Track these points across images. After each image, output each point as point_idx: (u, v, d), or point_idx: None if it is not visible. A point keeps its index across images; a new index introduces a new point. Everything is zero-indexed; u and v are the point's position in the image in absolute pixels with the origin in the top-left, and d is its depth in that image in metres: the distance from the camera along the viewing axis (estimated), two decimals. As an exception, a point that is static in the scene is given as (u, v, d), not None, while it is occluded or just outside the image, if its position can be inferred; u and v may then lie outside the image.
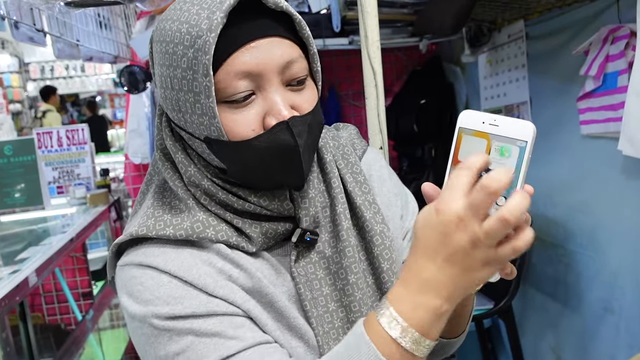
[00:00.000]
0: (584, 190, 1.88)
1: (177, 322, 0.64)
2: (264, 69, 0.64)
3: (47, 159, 2.92)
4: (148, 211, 0.72)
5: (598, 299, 1.86)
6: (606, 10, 1.71)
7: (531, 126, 0.57)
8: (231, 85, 0.64)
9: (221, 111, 0.65)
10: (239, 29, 0.63)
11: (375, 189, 0.84)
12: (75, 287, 2.85)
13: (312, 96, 0.70)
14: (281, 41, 0.65)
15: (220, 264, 0.69)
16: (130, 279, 0.67)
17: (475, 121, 0.60)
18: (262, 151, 0.65)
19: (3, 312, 1.54)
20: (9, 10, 1.35)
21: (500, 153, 0.58)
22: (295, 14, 0.67)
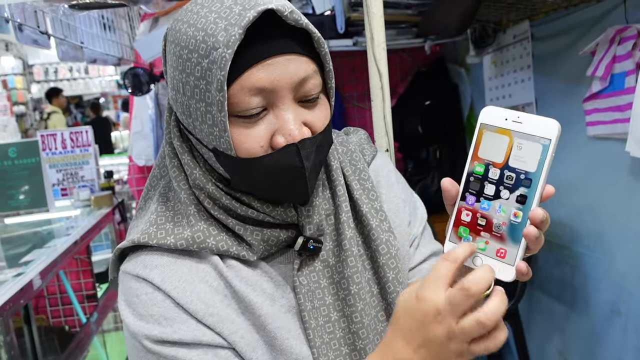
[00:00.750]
0: (591, 192, 1.87)
1: (164, 347, 0.66)
2: (278, 86, 0.63)
3: (52, 161, 2.92)
4: (151, 217, 0.72)
5: (605, 301, 1.84)
6: (613, 11, 1.70)
7: (556, 124, 0.56)
8: (244, 101, 0.63)
9: (232, 124, 0.64)
10: (255, 45, 0.62)
11: (382, 195, 0.83)
12: (79, 289, 2.85)
13: (324, 113, 0.69)
14: (297, 58, 0.64)
15: (216, 283, 0.70)
16: (128, 289, 0.70)
17: (497, 117, 0.59)
18: (268, 170, 0.66)
19: (7, 315, 1.54)
20: (13, 13, 1.35)
21: (522, 149, 0.57)
22: (315, 32, 0.66)
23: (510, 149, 0.58)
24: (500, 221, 0.58)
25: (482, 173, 0.59)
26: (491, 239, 0.59)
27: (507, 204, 0.58)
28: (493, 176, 0.59)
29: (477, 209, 0.60)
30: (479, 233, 0.59)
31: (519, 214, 0.57)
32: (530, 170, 0.57)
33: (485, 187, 0.59)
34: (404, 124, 2.61)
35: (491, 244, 0.59)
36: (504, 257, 0.58)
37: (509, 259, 0.58)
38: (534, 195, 0.56)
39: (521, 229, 0.57)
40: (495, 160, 0.59)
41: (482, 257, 0.59)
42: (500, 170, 0.58)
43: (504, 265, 0.58)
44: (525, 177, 0.57)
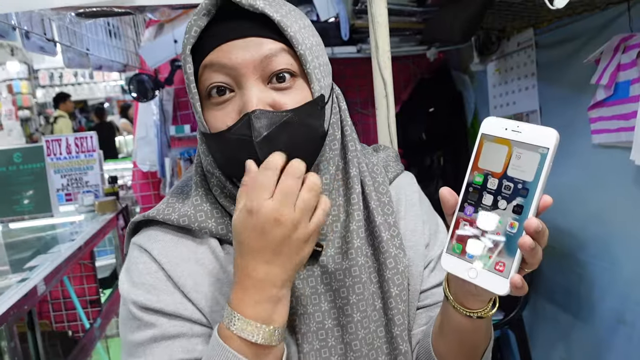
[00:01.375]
0: (596, 200, 1.86)
1: (146, 313, 0.70)
2: (239, 64, 0.66)
3: (56, 166, 2.93)
4: (166, 197, 0.79)
5: (611, 310, 1.83)
6: (617, 19, 1.70)
7: (554, 133, 0.56)
8: (209, 78, 0.68)
9: (206, 108, 0.70)
10: (216, 30, 0.68)
11: (401, 212, 0.82)
12: (82, 294, 2.85)
13: (299, 96, 0.68)
14: (260, 40, 0.67)
15: (211, 266, 0.73)
16: (130, 257, 0.75)
17: (497, 127, 0.59)
18: (228, 145, 0.68)
19: (12, 321, 1.54)
20: (20, 21, 1.36)
21: (520, 158, 0.57)
22: (273, 15, 0.67)
23: (509, 159, 0.57)
24: (496, 232, 0.57)
25: (481, 183, 0.59)
26: (487, 251, 0.58)
27: (504, 214, 0.57)
28: (491, 186, 0.58)
29: (474, 220, 0.59)
30: None
31: (514, 225, 0.56)
32: (528, 180, 0.56)
33: (484, 198, 0.59)
34: (408, 131, 2.61)
35: (487, 256, 0.58)
36: (501, 271, 0.57)
37: (505, 271, 0.57)
38: (530, 205, 0.56)
39: (517, 240, 0.56)
40: (494, 170, 0.59)
41: (476, 269, 0.58)
42: (499, 180, 0.58)
43: (498, 277, 0.57)
44: (522, 186, 0.56)
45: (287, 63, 0.68)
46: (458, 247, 0.60)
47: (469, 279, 0.59)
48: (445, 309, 0.70)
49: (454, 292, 0.67)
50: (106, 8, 1.10)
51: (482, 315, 0.66)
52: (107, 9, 1.11)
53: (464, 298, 0.66)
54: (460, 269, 0.60)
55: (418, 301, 0.80)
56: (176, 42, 2.27)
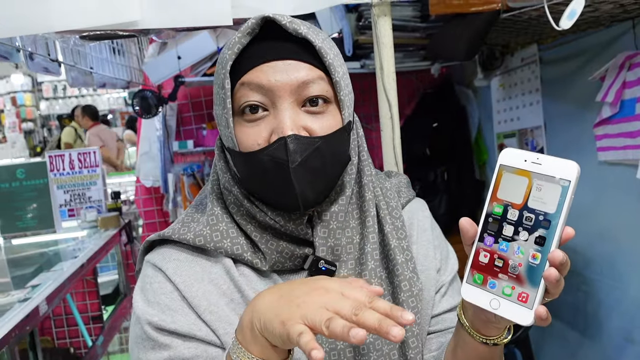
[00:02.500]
0: (603, 217, 1.85)
1: (161, 334, 0.70)
2: (276, 86, 0.67)
3: (59, 182, 2.93)
4: (181, 217, 0.80)
5: (619, 329, 1.81)
6: (622, 36, 1.69)
7: (575, 166, 0.56)
8: (244, 97, 0.68)
9: (237, 124, 0.70)
10: (258, 49, 0.69)
11: (413, 237, 0.83)
12: (85, 310, 2.83)
13: (330, 123, 0.70)
14: (298, 64, 0.68)
15: (225, 286, 0.72)
16: (145, 276, 0.75)
17: (517, 159, 0.59)
18: (261, 165, 0.68)
19: (13, 343, 1.52)
20: (24, 43, 1.37)
21: (541, 190, 0.57)
22: (315, 41, 0.69)
23: (530, 190, 0.57)
24: (518, 263, 0.57)
25: (501, 214, 0.59)
26: (509, 282, 0.58)
27: (525, 245, 0.57)
28: (512, 217, 0.58)
29: (495, 250, 0.59)
30: (497, 275, 0.58)
31: (537, 256, 0.56)
32: (550, 212, 0.56)
33: (504, 228, 0.59)
34: (412, 146, 2.60)
35: (509, 287, 0.58)
36: (524, 301, 0.57)
37: (528, 302, 0.56)
38: (553, 236, 0.56)
39: (540, 271, 0.56)
40: (514, 201, 0.59)
41: (499, 300, 0.58)
42: (519, 211, 0.58)
43: (522, 308, 0.57)
44: (544, 218, 0.56)
45: (323, 90, 0.70)
46: (479, 278, 0.60)
47: (491, 310, 0.59)
48: (459, 335, 0.70)
49: (470, 319, 0.67)
50: (110, 31, 1.10)
51: (497, 342, 0.67)
52: (111, 32, 1.11)
53: (480, 325, 0.66)
54: (482, 300, 0.59)
55: (429, 326, 0.80)
56: (180, 59, 2.28)
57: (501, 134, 2.43)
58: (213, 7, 1.05)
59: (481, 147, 2.64)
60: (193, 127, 2.79)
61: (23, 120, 9.40)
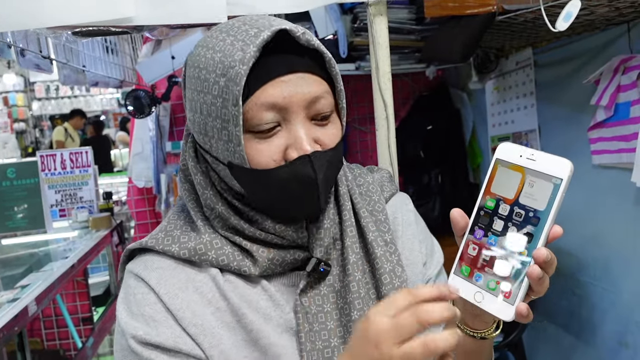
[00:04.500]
0: (597, 221, 1.85)
1: (146, 349, 0.68)
2: (291, 103, 0.66)
3: (50, 181, 2.90)
4: (163, 224, 0.77)
5: (612, 332, 1.81)
6: (617, 40, 1.70)
7: (568, 164, 0.56)
8: (257, 116, 0.65)
9: (246, 140, 0.67)
10: (270, 63, 0.66)
11: (398, 231, 0.83)
12: (75, 311, 2.80)
13: (335, 132, 0.71)
14: (310, 77, 0.67)
15: (210, 295, 0.71)
16: (127, 287, 0.73)
17: (513, 154, 0.59)
18: (282, 182, 0.67)
19: (1, 343, 1.50)
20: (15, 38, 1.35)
21: (534, 186, 0.57)
22: (326, 53, 0.69)
23: (522, 186, 0.58)
24: (505, 257, 0.57)
25: (493, 208, 0.59)
26: (494, 276, 0.58)
27: (513, 241, 0.57)
28: (503, 212, 0.59)
29: (484, 244, 0.59)
30: (484, 269, 0.59)
31: (524, 253, 0.56)
32: (540, 209, 0.56)
33: (494, 222, 0.59)
34: (406, 148, 2.60)
35: (494, 281, 0.58)
36: (507, 297, 0.57)
37: (511, 298, 0.57)
38: (540, 234, 0.56)
39: (525, 268, 0.56)
40: (507, 196, 0.59)
41: (483, 293, 0.58)
42: (510, 206, 0.58)
43: (504, 303, 0.57)
44: (534, 215, 0.56)
45: (331, 104, 0.70)
46: (466, 270, 0.60)
47: (474, 302, 0.59)
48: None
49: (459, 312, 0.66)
50: (103, 27, 1.09)
51: (485, 337, 0.67)
52: (104, 28, 1.10)
53: (469, 319, 0.67)
54: (467, 291, 0.60)
55: None
56: (174, 59, 2.26)
57: (495, 137, 2.43)
58: (208, 4, 1.04)
59: (475, 150, 2.65)
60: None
61: (15, 121, 9.34)
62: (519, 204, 0.57)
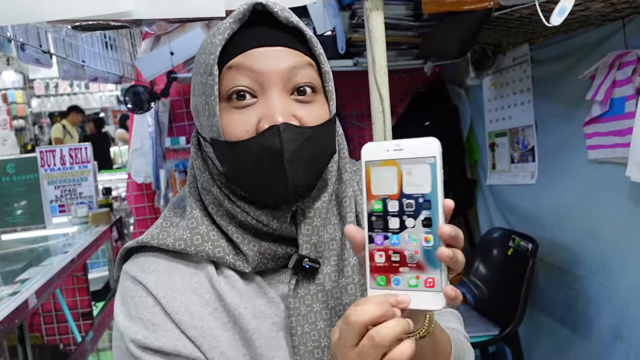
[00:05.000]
0: (593, 216, 1.86)
1: (145, 354, 0.68)
2: (267, 72, 0.66)
3: (50, 177, 2.91)
4: (159, 222, 0.77)
5: (608, 326, 1.83)
6: (613, 36, 1.71)
7: (435, 141, 0.57)
8: (232, 80, 0.66)
9: (222, 111, 0.67)
10: (248, 36, 0.67)
11: None
12: (75, 307, 2.81)
13: (319, 113, 0.70)
14: (289, 51, 0.67)
15: (207, 295, 0.70)
16: (125, 289, 0.72)
17: (379, 151, 0.59)
18: (251, 153, 0.66)
19: (1, 336, 1.51)
20: (15, 33, 1.36)
21: (412, 174, 0.57)
22: (306, 30, 0.69)
23: (401, 178, 0.57)
24: (414, 251, 0.57)
25: (382, 209, 0.58)
26: (412, 272, 0.57)
27: (415, 232, 0.57)
28: (393, 209, 0.58)
29: (388, 247, 0.58)
30: (398, 270, 0.58)
31: (429, 238, 0.56)
32: (426, 192, 0.56)
33: (390, 222, 0.58)
34: (404, 144, 2.61)
35: (414, 277, 0.57)
36: (432, 286, 0.57)
37: (436, 286, 0.56)
38: (437, 214, 0.56)
39: (435, 252, 0.56)
40: (390, 192, 0.58)
41: (408, 294, 0.57)
42: (398, 200, 0.58)
43: (431, 294, 0.56)
44: (423, 200, 0.56)
45: (311, 77, 0.69)
46: (382, 280, 0.59)
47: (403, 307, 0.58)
48: None
49: None
50: (102, 21, 1.10)
51: (424, 335, 0.65)
52: (104, 22, 1.11)
53: None
54: None
55: None
56: (173, 54, 2.27)
57: (493, 133, 2.44)
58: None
59: (473, 146, 2.66)
60: (185, 124, 2.78)
61: (14, 118, 9.34)
62: (406, 195, 0.57)
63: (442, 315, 0.81)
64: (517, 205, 2.30)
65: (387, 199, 0.58)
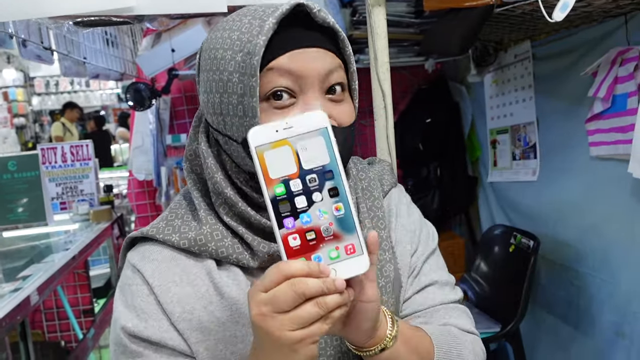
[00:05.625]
0: (595, 212, 1.86)
1: (133, 342, 0.70)
2: (307, 73, 0.67)
3: (51, 174, 2.91)
4: (165, 214, 0.77)
5: (610, 323, 1.83)
6: (615, 32, 1.70)
7: (320, 112, 0.58)
8: (273, 81, 0.66)
9: (263, 112, 0.67)
10: (287, 37, 0.67)
11: (392, 224, 0.83)
12: (76, 304, 2.82)
13: (349, 110, 0.72)
14: (326, 53, 0.69)
15: (204, 289, 0.71)
16: (125, 276, 0.75)
17: (268, 134, 0.58)
18: None
19: (3, 332, 1.52)
20: (17, 29, 1.36)
21: (307, 149, 0.57)
22: (340, 31, 0.70)
23: (297, 155, 0.57)
24: (328, 223, 0.57)
25: (285, 192, 0.57)
26: (330, 245, 0.57)
27: (324, 204, 0.57)
28: (296, 188, 0.57)
29: (301, 227, 0.57)
30: (317, 247, 0.57)
31: (339, 207, 0.57)
32: (326, 162, 0.57)
33: (296, 202, 0.57)
34: (405, 141, 2.61)
35: (333, 249, 0.57)
36: (353, 252, 0.57)
37: (357, 250, 0.57)
38: (341, 182, 0.57)
39: (348, 218, 0.57)
40: (290, 172, 0.57)
41: (332, 267, 0.57)
42: (300, 178, 0.57)
43: (355, 259, 0.57)
44: (324, 170, 0.57)
45: (342, 78, 0.71)
46: None
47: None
48: None
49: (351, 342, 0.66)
50: (104, 17, 1.10)
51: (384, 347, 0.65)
52: (106, 18, 1.11)
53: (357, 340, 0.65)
54: None
55: (401, 311, 0.80)
56: (174, 51, 2.27)
57: (494, 130, 2.44)
58: (208, -6, 1.05)
59: (474, 143, 2.66)
60: (187, 121, 2.78)
61: (15, 116, 9.34)
62: (306, 171, 0.57)
63: (441, 311, 0.81)
64: (518, 202, 2.30)
65: (288, 180, 0.57)
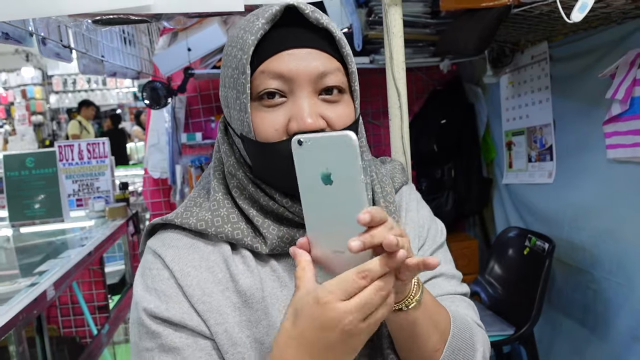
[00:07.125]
0: (612, 216, 1.84)
1: (154, 322, 0.72)
2: (297, 74, 0.68)
3: (68, 171, 2.95)
4: (185, 201, 0.81)
5: (627, 327, 1.80)
6: (633, 33, 1.68)
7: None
8: (264, 83, 0.69)
9: (254, 109, 0.70)
10: (279, 37, 0.69)
11: (402, 219, 0.85)
12: (91, 300, 2.85)
13: (346, 112, 0.72)
14: (319, 53, 0.69)
15: (221, 275, 0.73)
16: (145, 261, 0.77)
17: None
18: (279, 156, 0.69)
19: (21, 326, 1.54)
20: (37, 27, 1.38)
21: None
22: (336, 32, 0.71)
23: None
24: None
25: None
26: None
27: None
28: None
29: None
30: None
31: None
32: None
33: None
34: (420, 142, 2.60)
35: None
36: None
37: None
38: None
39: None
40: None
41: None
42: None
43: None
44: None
45: (340, 81, 0.71)
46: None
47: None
48: None
49: None
50: (122, 15, 1.11)
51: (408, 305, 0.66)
52: (124, 17, 1.12)
53: None
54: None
55: None
56: (190, 51, 2.29)
57: (510, 132, 2.42)
58: (225, -7, 1.06)
59: (489, 145, 2.64)
60: (202, 120, 2.80)
61: (33, 113, 9.48)
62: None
63: (449, 300, 0.81)
64: (534, 204, 2.28)
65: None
